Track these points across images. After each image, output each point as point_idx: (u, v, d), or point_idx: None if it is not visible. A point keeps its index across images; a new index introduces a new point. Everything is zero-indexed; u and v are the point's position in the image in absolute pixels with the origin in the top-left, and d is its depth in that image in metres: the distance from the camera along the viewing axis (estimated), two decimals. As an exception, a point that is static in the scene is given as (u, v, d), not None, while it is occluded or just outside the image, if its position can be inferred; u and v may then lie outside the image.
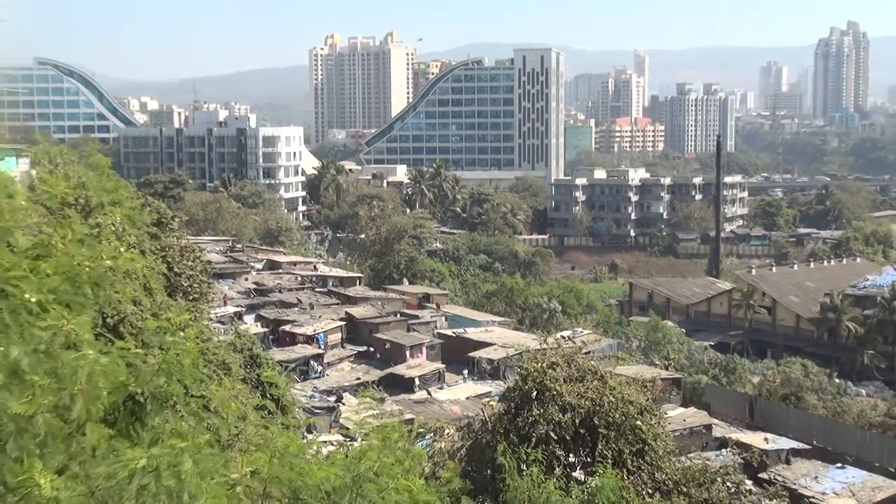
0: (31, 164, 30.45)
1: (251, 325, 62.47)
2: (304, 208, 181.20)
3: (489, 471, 20.21)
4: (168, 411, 7.45)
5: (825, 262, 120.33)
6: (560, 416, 23.41)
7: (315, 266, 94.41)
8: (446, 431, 26.49)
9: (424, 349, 64.08)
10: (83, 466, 6.33)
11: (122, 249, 7.36)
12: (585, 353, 29.09)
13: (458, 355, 63.55)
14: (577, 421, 23.56)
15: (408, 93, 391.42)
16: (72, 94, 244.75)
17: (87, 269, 6.88)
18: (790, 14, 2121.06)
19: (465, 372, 61.57)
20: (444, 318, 74.93)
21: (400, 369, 59.34)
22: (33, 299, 6.27)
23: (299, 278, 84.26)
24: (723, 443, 48.67)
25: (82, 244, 7.40)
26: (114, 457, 6.34)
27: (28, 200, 7.96)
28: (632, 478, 22.67)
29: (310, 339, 62.72)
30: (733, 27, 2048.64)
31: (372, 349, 65.19)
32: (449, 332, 69.53)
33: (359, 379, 57.26)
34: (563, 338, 34.81)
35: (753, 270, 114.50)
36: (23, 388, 5.87)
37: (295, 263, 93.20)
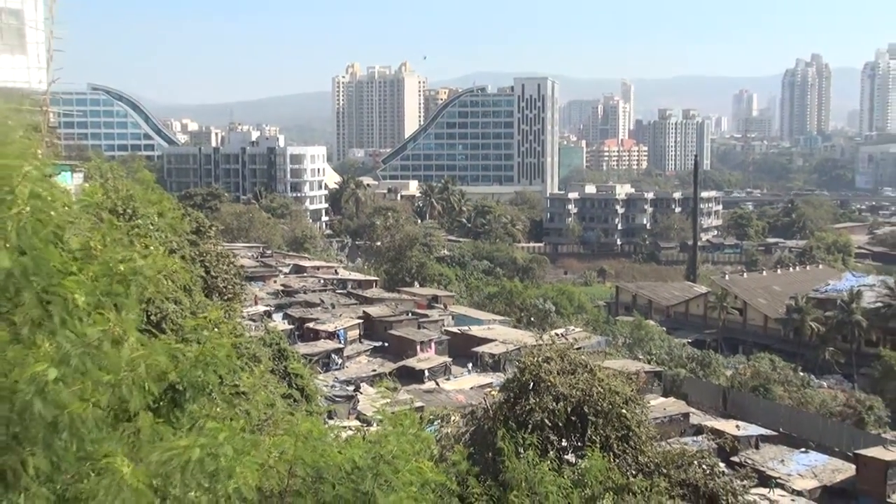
0: (84, 178, 30.50)
1: (279, 322, 62.50)
2: (326, 219, 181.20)
3: (490, 454, 20.15)
4: (204, 398, 7.44)
5: (791, 269, 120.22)
6: (554, 404, 23.38)
7: (336, 270, 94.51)
8: (452, 418, 26.45)
9: (433, 344, 64.14)
10: (133, 450, 6.33)
11: (151, 248, 7.31)
12: (577, 349, 29.01)
13: (462, 350, 63.57)
14: (568, 409, 23.52)
15: (419, 116, 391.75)
16: (121, 117, 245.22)
17: (123, 267, 6.86)
18: (760, 47, 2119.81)
19: (469, 365, 61.60)
20: (450, 317, 75.00)
21: (411, 362, 59.39)
22: (82, 299, 6.24)
23: (322, 281, 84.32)
24: (699, 429, 48.57)
25: (120, 244, 7.39)
26: (158, 441, 6.33)
27: (80, 209, 7.94)
28: (617, 460, 22.60)
29: (331, 335, 62.78)
30: (709, 59, 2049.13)
31: (386, 344, 65.25)
32: (455, 329, 69.57)
33: (374, 371, 57.28)
34: (557, 335, 34.78)
35: (727, 276, 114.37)
36: (75, 380, 5.85)
37: (318, 268, 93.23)
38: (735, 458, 44.50)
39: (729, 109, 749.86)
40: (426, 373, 57.45)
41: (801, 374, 73.24)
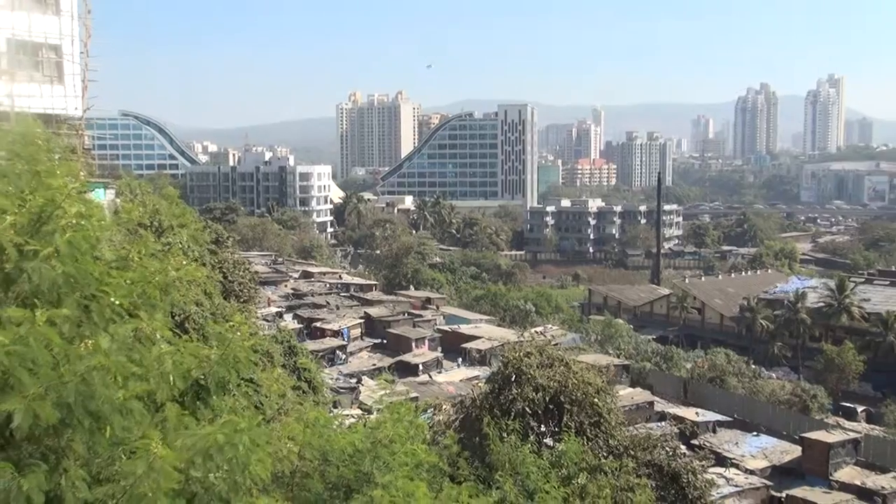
0: (116, 194, 30.51)
1: (289, 322, 62.43)
2: (331, 230, 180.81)
3: (477, 438, 20.17)
4: (225, 393, 7.46)
5: (743, 273, 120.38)
6: (533, 394, 23.42)
7: (340, 275, 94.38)
8: (444, 407, 26.46)
9: (426, 341, 64.08)
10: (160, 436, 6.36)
11: (185, 262, 7.38)
12: (554, 345, 29.06)
13: (453, 346, 63.54)
14: (547, 398, 23.57)
15: (414, 139, 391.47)
16: (148, 139, 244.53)
17: (158, 278, 6.91)
18: (715, 77, 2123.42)
19: (459, 360, 61.53)
20: (442, 317, 74.95)
21: (407, 357, 59.32)
22: (117, 302, 6.29)
23: (328, 285, 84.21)
24: (662, 416, 48.58)
25: (154, 258, 7.43)
26: (183, 431, 6.37)
27: (113, 223, 7.98)
28: (590, 444, 22.64)
29: (336, 333, 62.71)
30: (671, 88, 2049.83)
31: (385, 341, 65.16)
32: (446, 327, 69.51)
33: (375, 365, 57.20)
34: (537, 333, 34.80)
35: (686, 279, 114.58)
36: (109, 374, 5.89)
37: (324, 273, 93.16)
38: (695, 442, 44.54)
39: (688, 132, 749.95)
40: (420, 367, 57.38)
41: (753, 366, 73.30)
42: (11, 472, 5.41)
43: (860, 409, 62.27)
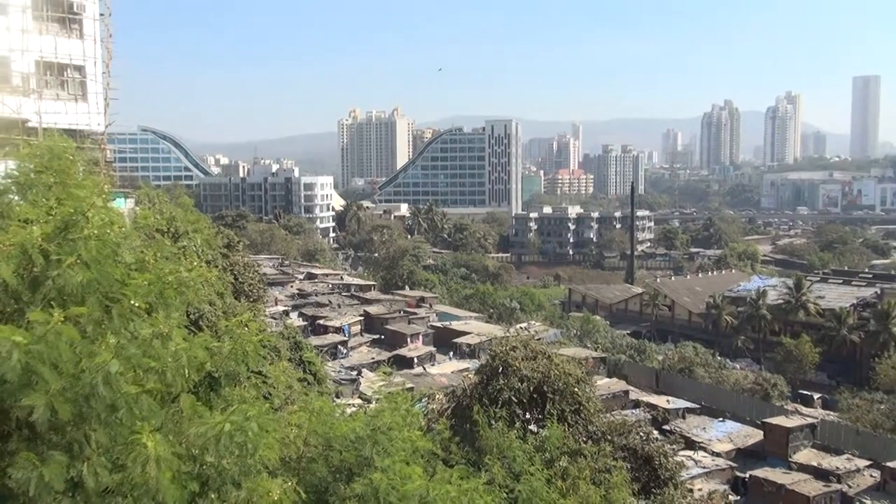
0: (135, 203, 30.39)
1: (295, 319, 62.23)
2: (333, 235, 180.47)
3: (468, 425, 20.17)
4: (236, 384, 7.43)
5: (710, 273, 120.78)
6: (519, 385, 23.42)
7: (342, 276, 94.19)
8: (437, 397, 26.43)
9: (421, 337, 64.01)
10: (176, 426, 6.34)
11: (195, 263, 7.36)
12: (537, 340, 29.06)
13: (445, 341, 63.50)
14: (531, 388, 23.58)
15: (409, 151, 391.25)
16: (165, 153, 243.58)
17: (171, 278, 6.89)
18: (683, 94, 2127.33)
19: (451, 353, 61.50)
20: (434, 314, 74.87)
21: (403, 351, 59.28)
22: (136, 304, 6.27)
23: (330, 286, 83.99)
24: (636, 404, 48.66)
25: (168, 260, 7.40)
26: (197, 419, 6.35)
27: (132, 230, 7.95)
28: (571, 429, 22.65)
29: (338, 330, 62.57)
30: (642, 104, 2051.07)
31: (383, 337, 65.06)
32: (438, 324, 69.46)
33: (373, 359, 57.11)
34: (521, 328, 34.85)
35: (658, 279, 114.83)
36: (128, 369, 5.86)
37: (327, 275, 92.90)
38: (666, 427, 44.65)
39: (659, 145, 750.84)
40: (415, 360, 57.35)
41: (719, 358, 73.53)
42: (34, 462, 5.41)
43: (816, 396, 62.55)
